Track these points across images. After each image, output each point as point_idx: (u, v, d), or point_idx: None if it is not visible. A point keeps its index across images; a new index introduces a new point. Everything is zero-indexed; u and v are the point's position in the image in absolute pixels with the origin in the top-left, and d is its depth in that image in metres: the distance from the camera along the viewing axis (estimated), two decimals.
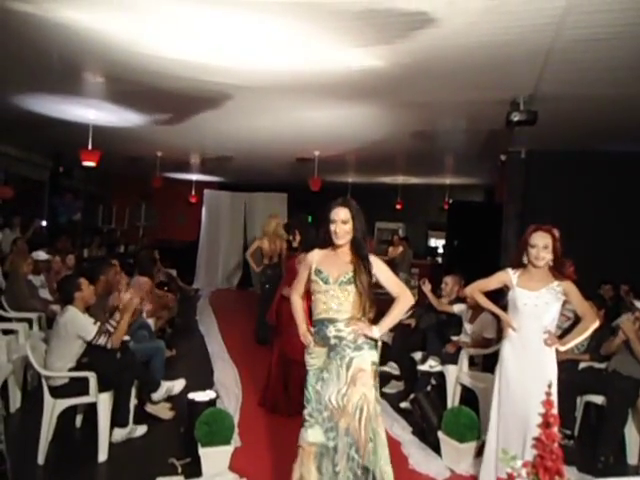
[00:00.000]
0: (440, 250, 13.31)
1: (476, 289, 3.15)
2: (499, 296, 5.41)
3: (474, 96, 4.67)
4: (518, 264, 2.95)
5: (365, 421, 2.29)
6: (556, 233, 2.89)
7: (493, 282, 3.08)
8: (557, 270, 2.85)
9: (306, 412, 2.39)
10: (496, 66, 3.86)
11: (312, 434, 2.35)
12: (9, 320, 4.88)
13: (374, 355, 2.40)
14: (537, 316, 2.84)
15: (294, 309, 2.61)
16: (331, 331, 2.37)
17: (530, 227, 2.94)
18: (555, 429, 1.64)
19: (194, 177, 12.42)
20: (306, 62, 3.99)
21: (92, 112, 5.95)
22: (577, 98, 4.57)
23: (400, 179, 11.46)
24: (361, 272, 2.37)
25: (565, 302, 5.34)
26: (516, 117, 4.31)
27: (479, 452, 3.43)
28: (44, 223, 10.01)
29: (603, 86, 4.20)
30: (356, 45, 3.58)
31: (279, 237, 6.81)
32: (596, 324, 3.00)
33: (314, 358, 2.43)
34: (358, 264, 2.39)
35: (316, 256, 2.49)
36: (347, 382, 2.32)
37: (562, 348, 2.89)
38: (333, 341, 2.37)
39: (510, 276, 2.96)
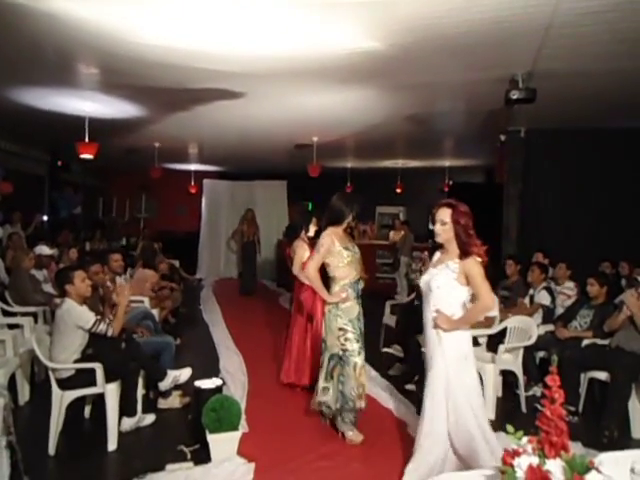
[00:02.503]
0: None
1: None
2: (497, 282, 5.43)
3: (473, 75, 4.63)
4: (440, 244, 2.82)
5: None
6: (461, 207, 2.68)
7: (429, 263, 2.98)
8: (460, 248, 2.68)
9: (357, 346, 3.41)
10: (494, 43, 3.81)
11: (361, 358, 3.45)
12: (14, 315, 4.90)
13: None
14: (426, 295, 2.77)
15: (315, 280, 3.47)
16: (359, 287, 3.51)
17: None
18: (559, 405, 1.65)
19: (193, 167, 12.39)
20: (302, 45, 3.95)
21: (88, 104, 5.91)
22: (576, 74, 4.52)
23: (400, 163, 11.41)
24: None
25: (558, 280, 5.33)
26: (515, 95, 4.27)
27: None
28: (45, 218, 10.01)
29: (603, 60, 4.15)
30: (352, 26, 3.53)
31: (255, 223, 10.15)
32: (490, 312, 2.98)
33: (355, 307, 3.45)
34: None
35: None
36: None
37: (444, 326, 2.66)
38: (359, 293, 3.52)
39: (434, 255, 2.89)
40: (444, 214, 2.69)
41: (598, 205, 6.65)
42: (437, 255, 2.86)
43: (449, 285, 2.70)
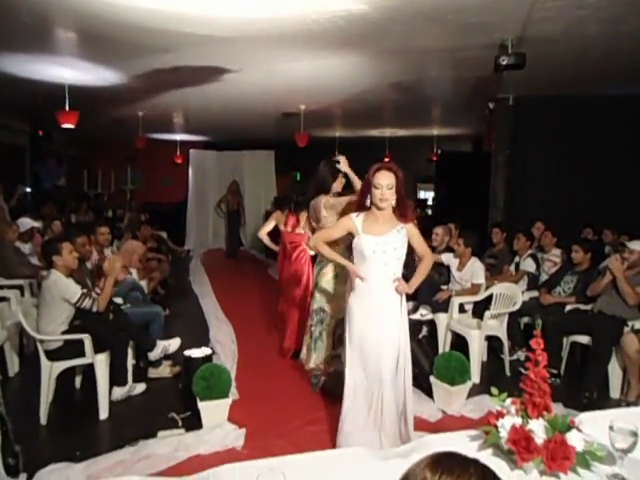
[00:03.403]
0: (430, 202, 13.34)
1: (320, 240, 2.93)
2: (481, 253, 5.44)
3: (461, 40, 4.53)
4: (361, 207, 2.74)
5: None
6: (399, 172, 2.65)
7: (338, 230, 2.86)
8: (400, 211, 2.68)
9: None
10: (484, 6, 3.73)
11: None
12: (0, 288, 4.86)
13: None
14: (385, 262, 2.66)
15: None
16: None
17: (373, 166, 2.68)
18: (542, 367, 1.70)
19: (178, 137, 12.16)
20: (288, 8, 3.83)
21: (67, 71, 5.72)
22: (567, 38, 4.44)
23: (388, 132, 11.31)
24: None
25: (544, 248, 5.44)
26: (504, 61, 4.20)
27: (469, 394, 3.58)
28: (28, 190, 9.82)
29: (594, 24, 4.08)
30: None
31: (239, 194, 11.39)
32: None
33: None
34: None
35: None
36: None
37: (409, 290, 2.72)
38: None
39: (354, 222, 2.72)
40: (391, 179, 2.61)
41: (585, 173, 6.67)
42: (360, 219, 2.71)
43: (403, 250, 2.70)
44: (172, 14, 3.93)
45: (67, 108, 6.25)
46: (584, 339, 4.06)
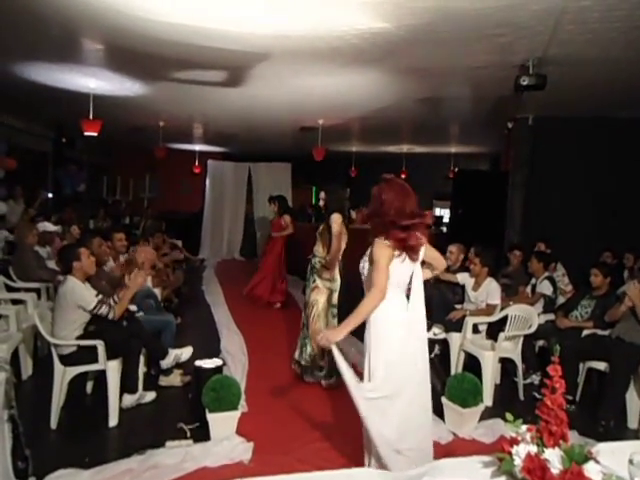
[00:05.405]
0: (445, 219, 13.26)
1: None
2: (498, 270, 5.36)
3: (482, 60, 4.55)
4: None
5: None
6: (375, 190, 2.63)
7: None
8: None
9: None
10: (506, 27, 3.73)
11: None
12: (17, 290, 4.93)
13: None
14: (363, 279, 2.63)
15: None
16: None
17: None
18: (559, 394, 1.65)
19: (197, 147, 12.33)
20: (310, 25, 3.88)
21: (92, 81, 5.86)
22: (588, 61, 4.43)
23: (405, 148, 11.33)
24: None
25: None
26: (525, 81, 4.19)
27: (481, 417, 3.51)
28: (50, 195, 10.01)
29: (616, 48, 4.07)
30: (360, 5, 3.46)
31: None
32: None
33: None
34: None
35: None
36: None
37: (328, 341, 2.48)
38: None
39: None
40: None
41: (604, 195, 6.59)
42: None
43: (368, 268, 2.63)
44: (195, 29, 4.02)
45: (91, 117, 6.38)
46: (601, 365, 3.97)
